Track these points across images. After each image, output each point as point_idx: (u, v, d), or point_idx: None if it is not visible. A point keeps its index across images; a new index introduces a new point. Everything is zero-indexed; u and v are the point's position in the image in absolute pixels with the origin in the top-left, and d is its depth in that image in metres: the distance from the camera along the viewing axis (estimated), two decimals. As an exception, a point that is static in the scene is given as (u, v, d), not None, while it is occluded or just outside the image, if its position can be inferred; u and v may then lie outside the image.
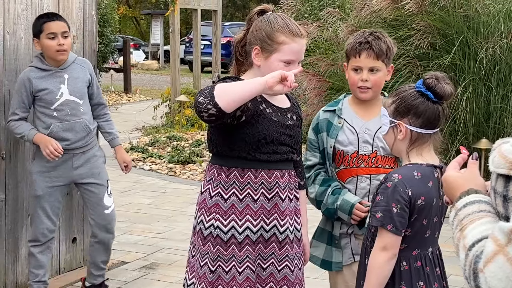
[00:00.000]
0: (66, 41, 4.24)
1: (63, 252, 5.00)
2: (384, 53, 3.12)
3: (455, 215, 1.68)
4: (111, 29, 16.62)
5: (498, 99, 7.17)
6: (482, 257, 1.45)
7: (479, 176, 1.84)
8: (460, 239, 1.58)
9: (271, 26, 2.77)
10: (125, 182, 8.27)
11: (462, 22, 7.36)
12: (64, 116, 4.28)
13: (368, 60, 3.13)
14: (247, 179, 2.76)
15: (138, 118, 13.59)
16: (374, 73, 3.13)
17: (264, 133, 2.74)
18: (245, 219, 2.76)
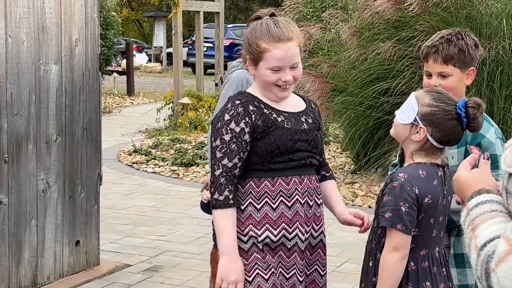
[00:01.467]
0: None
1: (66, 255, 5.00)
2: (453, 58, 2.92)
3: (466, 214, 1.68)
4: (114, 31, 16.64)
5: (501, 100, 7.15)
6: (494, 257, 1.44)
7: (490, 176, 1.83)
8: (472, 238, 1.58)
9: (253, 34, 2.69)
10: (128, 185, 8.28)
11: (465, 23, 7.35)
12: None
13: (435, 65, 2.95)
14: (264, 188, 2.67)
15: (141, 120, 13.60)
16: (444, 78, 2.94)
17: (277, 143, 2.65)
18: (264, 229, 2.66)
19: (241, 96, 2.72)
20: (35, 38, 4.64)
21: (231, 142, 2.61)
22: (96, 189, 5.24)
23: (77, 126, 5.03)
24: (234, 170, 2.62)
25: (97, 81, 5.20)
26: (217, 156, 2.63)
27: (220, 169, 2.62)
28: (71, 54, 4.94)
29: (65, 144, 4.93)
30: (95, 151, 5.21)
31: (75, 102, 5.00)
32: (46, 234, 4.81)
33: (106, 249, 5.65)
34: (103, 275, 5.14)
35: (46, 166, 4.78)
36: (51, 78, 4.79)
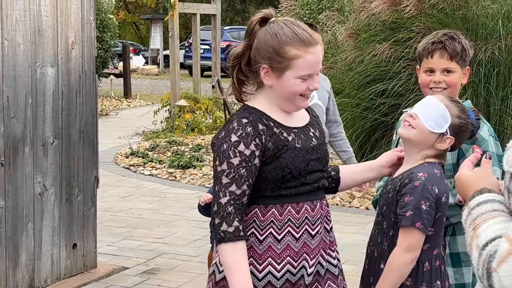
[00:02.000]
0: None
1: (63, 258, 4.99)
2: (458, 54, 2.93)
3: (468, 214, 1.68)
4: (110, 34, 16.64)
5: (497, 101, 7.16)
6: (495, 257, 1.44)
7: (492, 175, 1.84)
8: (473, 238, 1.58)
9: (277, 40, 2.34)
10: (126, 187, 8.27)
11: (461, 24, 7.36)
12: None
13: (441, 60, 2.93)
14: (270, 217, 2.37)
15: (138, 123, 13.60)
16: (448, 74, 2.94)
17: (290, 167, 2.36)
18: (266, 263, 2.37)
19: (247, 113, 2.38)
20: (31, 41, 4.64)
21: (240, 166, 2.30)
22: (93, 192, 5.23)
23: (74, 129, 5.03)
24: (242, 198, 2.32)
25: (94, 83, 5.20)
26: (224, 182, 2.32)
27: (227, 197, 2.31)
28: (68, 57, 4.94)
29: (62, 147, 4.93)
30: (92, 154, 5.20)
31: (72, 105, 5.00)
32: (43, 237, 4.81)
33: (103, 252, 5.65)
34: (100, 278, 5.14)
35: (43, 169, 4.78)
36: (48, 81, 4.79)
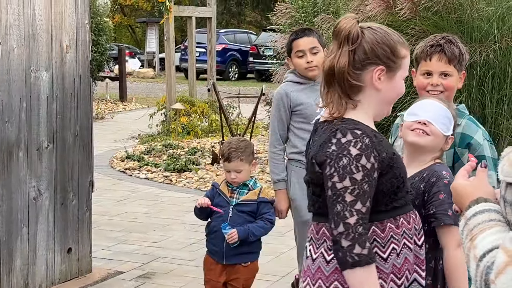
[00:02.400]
0: (315, 57, 3.96)
1: (58, 262, 4.97)
2: (456, 58, 2.95)
3: (464, 224, 1.66)
4: (106, 37, 16.62)
5: (493, 104, 7.16)
6: (493, 268, 1.42)
7: (488, 184, 1.82)
8: (471, 249, 1.56)
9: (392, 39, 2.29)
10: (121, 191, 8.25)
11: (455, 27, 7.36)
12: None
13: (439, 63, 2.95)
14: (389, 232, 2.27)
15: (134, 126, 13.57)
16: (445, 78, 2.96)
17: (402, 175, 2.29)
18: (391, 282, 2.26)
19: (353, 124, 2.23)
20: (25, 45, 4.62)
21: (363, 181, 2.15)
22: (88, 196, 5.22)
23: (69, 133, 5.01)
24: (367, 216, 2.17)
25: (88, 87, 5.19)
26: (348, 200, 2.14)
27: (355, 216, 2.14)
28: (62, 61, 4.92)
29: (57, 151, 4.92)
30: (87, 158, 5.19)
31: (66, 109, 4.98)
32: (37, 241, 4.79)
33: (98, 256, 5.63)
34: (96, 282, 5.12)
35: (38, 174, 4.77)
36: (42, 85, 4.77)
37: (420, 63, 3.03)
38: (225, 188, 3.94)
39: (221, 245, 3.88)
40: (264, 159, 10.10)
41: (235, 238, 3.81)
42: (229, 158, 3.85)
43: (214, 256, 3.95)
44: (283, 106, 4.02)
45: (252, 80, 26.86)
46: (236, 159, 3.85)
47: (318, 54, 3.97)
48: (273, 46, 10.81)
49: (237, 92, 12.93)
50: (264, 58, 22.28)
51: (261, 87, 10.81)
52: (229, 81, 26.39)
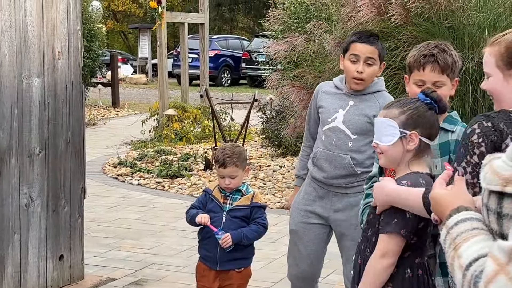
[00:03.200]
0: (368, 70, 3.65)
1: (50, 269, 4.95)
2: (449, 67, 2.95)
3: (446, 233, 1.65)
4: (98, 43, 16.59)
5: (484, 109, 7.18)
6: (482, 277, 1.41)
7: (467, 192, 1.82)
8: (455, 258, 1.55)
9: None
10: (114, 198, 8.23)
11: (447, 33, 7.38)
12: (328, 144, 3.71)
13: (432, 74, 2.94)
14: None
15: (127, 132, 13.55)
16: (438, 87, 2.91)
17: None
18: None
19: None
20: (17, 51, 4.61)
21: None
22: (79, 203, 5.21)
23: (60, 140, 5.00)
24: None
25: (81, 94, 5.18)
26: None
27: None
28: (54, 67, 4.92)
29: (48, 158, 4.90)
30: (79, 164, 5.18)
31: (58, 115, 4.97)
32: (29, 248, 4.77)
33: (90, 263, 5.62)
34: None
35: (29, 180, 4.75)
36: (34, 91, 4.76)
37: (413, 72, 3.04)
38: (218, 194, 3.94)
39: (215, 250, 3.87)
40: (256, 165, 10.10)
41: (229, 242, 3.80)
42: (224, 164, 3.85)
43: (207, 262, 3.94)
44: (313, 102, 3.85)
45: (244, 86, 26.87)
46: (232, 165, 3.84)
47: (372, 66, 3.66)
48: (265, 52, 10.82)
49: (230, 98, 12.94)
50: (257, 64, 22.31)
51: (253, 93, 10.82)
52: (221, 87, 26.39)
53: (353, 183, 3.69)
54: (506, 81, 2.38)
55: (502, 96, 2.41)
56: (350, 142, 3.65)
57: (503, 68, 2.38)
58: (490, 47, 2.40)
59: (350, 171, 3.66)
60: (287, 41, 8.84)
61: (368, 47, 3.64)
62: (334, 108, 3.70)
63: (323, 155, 3.71)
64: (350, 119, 3.66)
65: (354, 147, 3.64)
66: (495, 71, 2.40)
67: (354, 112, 3.67)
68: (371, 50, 3.64)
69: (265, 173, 9.55)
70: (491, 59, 2.40)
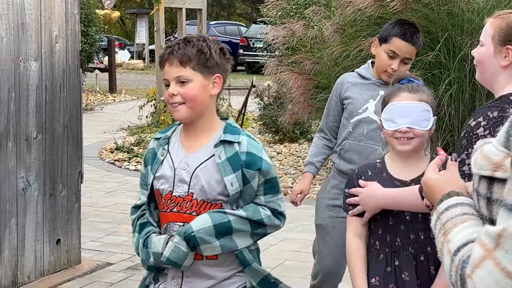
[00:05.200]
0: (402, 68, 3.50)
1: (47, 253, 4.95)
2: (190, 59, 2.44)
3: (437, 218, 1.63)
4: (95, 28, 16.54)
5: (483, 96, 7.17)
6: (469, 263, 1.40)
7: (459, 178, 1.81)
8: (444, 243, 1.53)
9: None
10: (110, 183, 8.23)
11: (446, 19, 7.36)
12: (358, 135, 3.59)
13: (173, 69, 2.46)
14: None
15: (124, 118, 13.53)
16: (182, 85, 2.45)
17: None
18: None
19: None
20: (14, 34, 4.58)
21: None
22: (77, 187, 5.19)
23: (58, 124, 4.98)
24: None
25: (78, 78, 5.16)
26: None
27: None
28: (51, 51, 4.89)
29: (46, 142, 4.88)
30: (76, 149, 5.16)
31: (56, 99, 4.95)
32: (26, 232, 4.76)
33: (87, 248, 5.61)
34: (85, 273, 5.10)
35: (26, 164, 4.74)
36: (31, 75, 4.74)
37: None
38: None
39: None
40: (254, 151, 10.08)
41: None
42: None
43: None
44: (335, 94, 3.70)
45: (242, 73, 26.84)
46: None
47: (407, 65, 3.53)
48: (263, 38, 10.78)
49: (227, 84, 12.91)
50: (254, 50, 22.26)
51: (251, 79, 10.80)
52: (219, 73, 26.32)
53: None
54: (495, 56, 2.40)
55: (485, 68, 2.43)
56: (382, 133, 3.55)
57: (496, 42, 2.39)
58: (493, 18, 2.41)
59: None
60: (286, 27, 8.81)
61: (410, 47, 3.49)
62: (364, 99, 3.57)
63: (352, 147, 3.58)
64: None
65: None
66: (488, 42, 2.40)
67: None
68: (411, 51, 3.50)
69: (263, 159, 9.53)
70: (490, 29, 2.40)
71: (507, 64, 2.38)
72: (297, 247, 5.66)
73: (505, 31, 2.38)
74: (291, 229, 6.18)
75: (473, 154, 1.59)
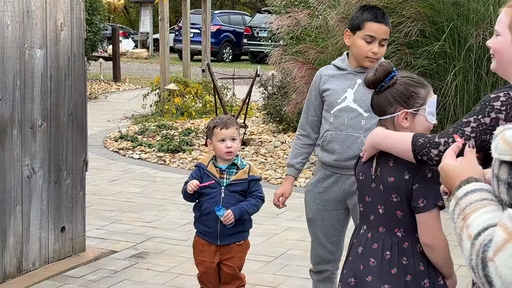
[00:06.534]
0: (381, 50, 3.57)
1: (51, 241, 4.97)
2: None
3: (456, 204, 1.64)
4: (100, 17, 16.52)
5: (488, 87, 7.16)
6: (491, 246, 1.41)
7: (477, 164, 1.81)
8: (463, 228, 1.54)
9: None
10: (115, 171, 8.24)
11: (452, 9, 7.34)
12: (340, 124, 3.59)
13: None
14: None
15: (128, 106, 13.53)
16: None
17: None
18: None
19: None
20: (19, 22, 4.59)
21: None
22: (81, 175, 5.20)
23: (63, 112, 4.99)
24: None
25: (83, 66, 5.16)
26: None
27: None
28: (56, 39, 4.89)
29: (50, 130, 4.89)
30: (81, 136, 5.17)
31: (60, 87, 4.95)
32: (31, 220, 4.78)
33: (91, 236, 5.63)
34: (89, 261, 5.12)
35: (31, 152, 4.75)
36: (36, 63, 4.74)
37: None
38: (214, 169, 3.89)
39: (215, 226, 3.86)
40: (258, 141, 10.09)
41: (232, 219, 3.79)
42: (226, 125, 3.83)
43: (206, 237, 3.92)
44: (314, 88, 3.72)
45: (246, 62, 26.80)
46: (233, 125, 3.84)
47: (384, 46, 3.59)
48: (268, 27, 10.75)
49: (231, 73, 12.89)
50: (259, 40, 22.23)
51: (255, 68, 10.79)
52: (223, 62, 26.32)
53: None
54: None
55: (504, 57, 2.40)
56: (363, 121, 3.55)
57: None
58: (508, 7, 2.39)
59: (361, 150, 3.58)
60: (290, 16, 8.79)
61: (384, 27, 3.54)
62: (342, 89, 3.60)
63: (334, 137, 3.60)
64: (360, 97, 3.55)
65: (367, 125, 3.53)
66: (505, 32, 2.38)
67: (363, 90, 3.47)
68: (386, 31, 3.55)
69: (266, 149, 9.54)
70: (505, 18, 2.38)
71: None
72: (301, 236, 5.66)
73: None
74: (294, 218, 6.19)
75: (493, 140, 1.59)
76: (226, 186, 3.86)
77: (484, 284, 1.42)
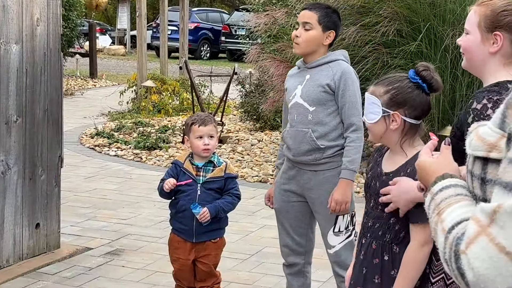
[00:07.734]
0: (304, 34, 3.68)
1: (26, 237, 4.93)
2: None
3: (431, 199, 1.68)
4: (76, 13, 16.42)
5: (463, 87, 7.22)
6: (464, 239, 1.43)
7: (453, 161, 1.85)
8: (438, 222, 1.58)
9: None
10: (90, 168, 8.20)
11: (428, 10, 7.40)
12: (292, 120, 3.72)
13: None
14: None
15: (104, 103, 13.47)
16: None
17: None
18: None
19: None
20: (-5, 17, 4.55)
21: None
22: (57, 172, 5.17)
23: (38, 108, 4.96)
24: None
25: (59, 62, 5.13)
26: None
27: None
28: (33, 34, 4.86)
29: (26, 126, 4.86)
30: (56, 133, 5.14)
31: (36, 83, 4.92)
32: (5, 216, 4.74)
33: (66, 232, 5.60)
34: (64, 258, 5.10)
35: (6, 148, 4.71)
36: (12, 58, 4.71)
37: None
38: (190, 167, 3.89)
39: (191, 223, 3.85)
40: (235, 139, 10.10)
41: (208, 217, 3.79)
42: (204, 122, 3.83)
43: (182, 234, 3.92)
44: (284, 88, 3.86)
45: (224, 60, 26.78)
46: (211, 123, 3.85)
47: (309, 32, 3.65)
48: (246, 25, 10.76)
49: (209, 71, 12.89)
50: (236, 38, 22.23)
51: (232, 66, 10.79)
52: (200, 60, 26.27)
53: (320, 160, 3.64)
54: (482, 43, 2.41)
55: (473, 56, 2.44)
56: (309, 115, 3.63)
57: (483, 30, 2.40)
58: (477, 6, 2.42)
59: (312, 145, 3.62)
60: (268, 14, 8.80)
61: (306, 12, 3.68)
62: (294, 86, 3.71)
63: (289, 133, 3.72)
64: (306, 91, 3.64)
65: (315, 119, 3.61)
66: (475, 30, 2.41)
67: (310, 84, 3.66)
68: (309, 15, 3.66)
69: (243, 147, 9.55)
70: (475, 17, 2.41)
71: (496, 50, 2.39)
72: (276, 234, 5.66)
73: (491, 17, 2.39)
74: (270, 216, 6.20)
75: (468, 136, 1.62)
76: (202, 183, 3.86)
77: (457, 276, 1.45)
